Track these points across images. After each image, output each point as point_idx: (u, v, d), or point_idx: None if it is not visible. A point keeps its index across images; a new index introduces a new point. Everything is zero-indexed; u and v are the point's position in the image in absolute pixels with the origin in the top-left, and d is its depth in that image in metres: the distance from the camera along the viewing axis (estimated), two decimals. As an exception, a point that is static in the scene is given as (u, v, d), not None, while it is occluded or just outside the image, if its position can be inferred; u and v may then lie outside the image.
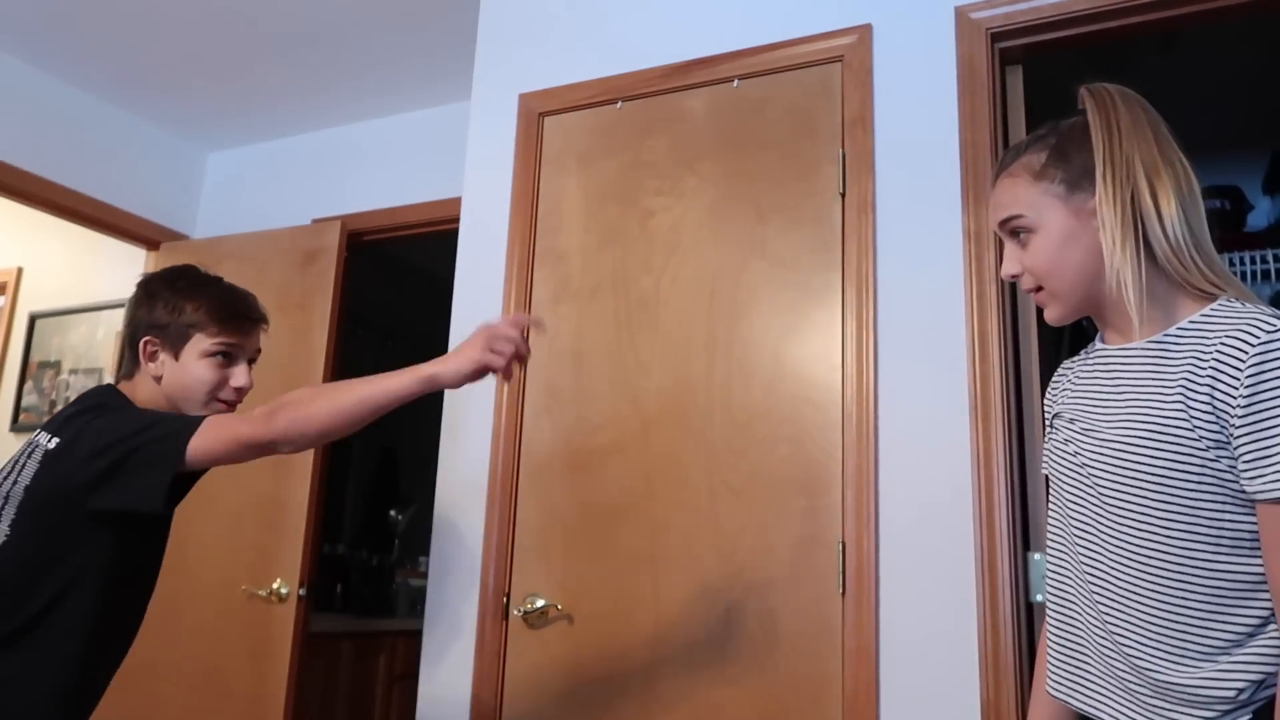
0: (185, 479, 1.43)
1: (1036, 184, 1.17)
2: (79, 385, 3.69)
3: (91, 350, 3.67)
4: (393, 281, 4.38)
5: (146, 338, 1.59)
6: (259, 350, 1.70)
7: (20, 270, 3.98)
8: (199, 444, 1.37)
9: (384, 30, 2.88)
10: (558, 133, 2.43)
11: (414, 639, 3.72)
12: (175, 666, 2.94)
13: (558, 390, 2.26)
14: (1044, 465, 1.25)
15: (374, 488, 4.45)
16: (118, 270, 3.68)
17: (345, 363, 3.15)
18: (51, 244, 3.91)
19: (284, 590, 2.86)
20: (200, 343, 1.58)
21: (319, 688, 3.27)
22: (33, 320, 3.85)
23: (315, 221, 3.33)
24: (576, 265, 2.32)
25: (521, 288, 2.35)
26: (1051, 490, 1.22)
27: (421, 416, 4.61)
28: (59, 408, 3.67)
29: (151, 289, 1.62)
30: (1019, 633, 1.74)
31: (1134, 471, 1.06)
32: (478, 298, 2.42)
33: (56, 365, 3.77)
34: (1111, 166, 1.11)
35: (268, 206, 3.54)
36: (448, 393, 2.42)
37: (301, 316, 3.11)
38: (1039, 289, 1.18)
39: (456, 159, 3.03)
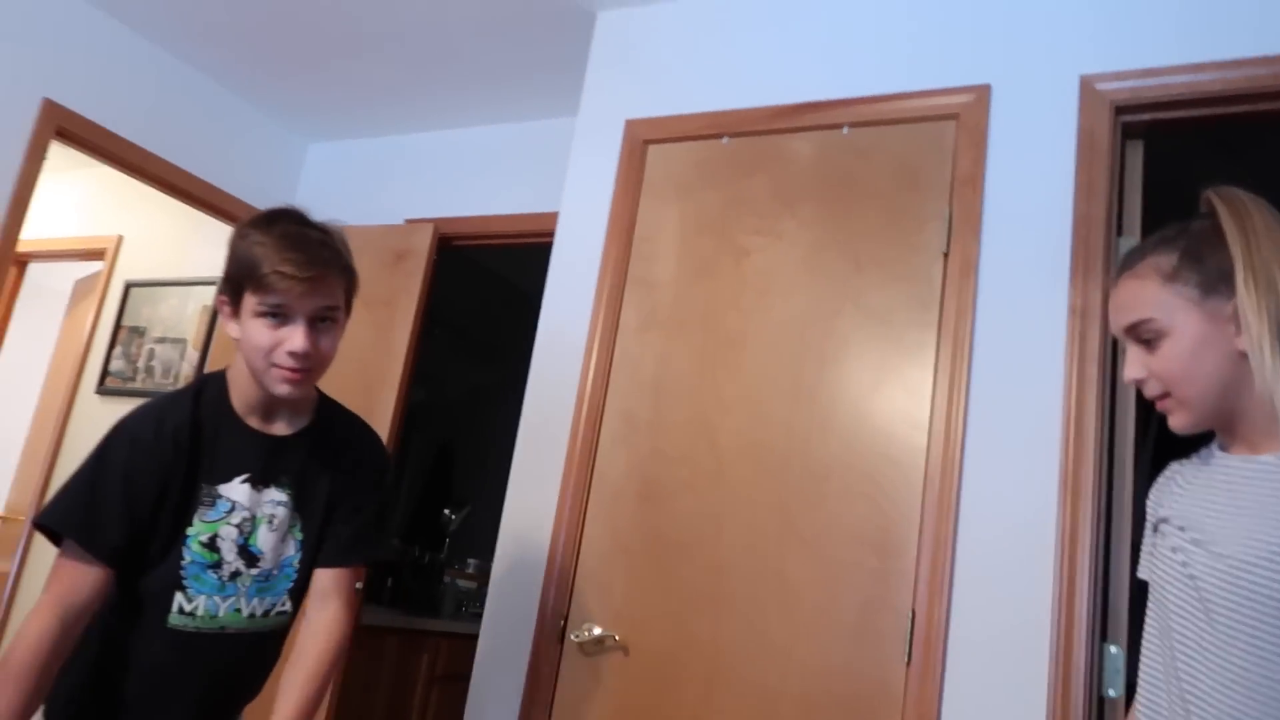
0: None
1: (1167, 286, 1.13)
2: (162, 354, 3.80)
3: (180, 323, 3.77)
4: (471, 285, 4.43)
5: (221, 299, 1.39)
6: (333, 307, 1.38)
7: (121, 239, 4.11)
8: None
9: (496, 41, 2.92)
10: (661, 162, 2.43)
11: (457, 641, 3.75)
12: (228, 643, 3.00)
13: (635, 419, 2.26)
14: (1142, 568, 1.21)
15: (429, 485, 4.50)
16: (212, 248, 3.78)
17: (421, 362, 3.19)
18: (153, 216, 4.04)
19: (341, 581, 2.90)
20: (252, 299, 1.33)
21: (362, 680, 3.30)
22: (127, 288, 3.97)
23: (408, 222, 3.39)
24: (667, 295, 2.32)
25: (610, 312, 2.36)
26: (1152, 596, 1.18)
27: (479, 417, 4.67)
28: (142, 374, 3.79)
29: (234, 232, 1.39)
30: (1089, 726, 1.68)
31: (1251, 593, 1.02)
32: (565, 316, 2.44)
33: (143, 333, 3.88)
34: (1253, 271, 1.08)
35: (362, 202, 3.61)
36: (526, 406, 2.43)
37: (386, 313, 3.16)
38: (1165, 395, 1.14)
39: (552, 174, 3.05)
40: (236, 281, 1.35)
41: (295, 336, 1.33)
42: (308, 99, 3.49)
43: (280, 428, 1.46)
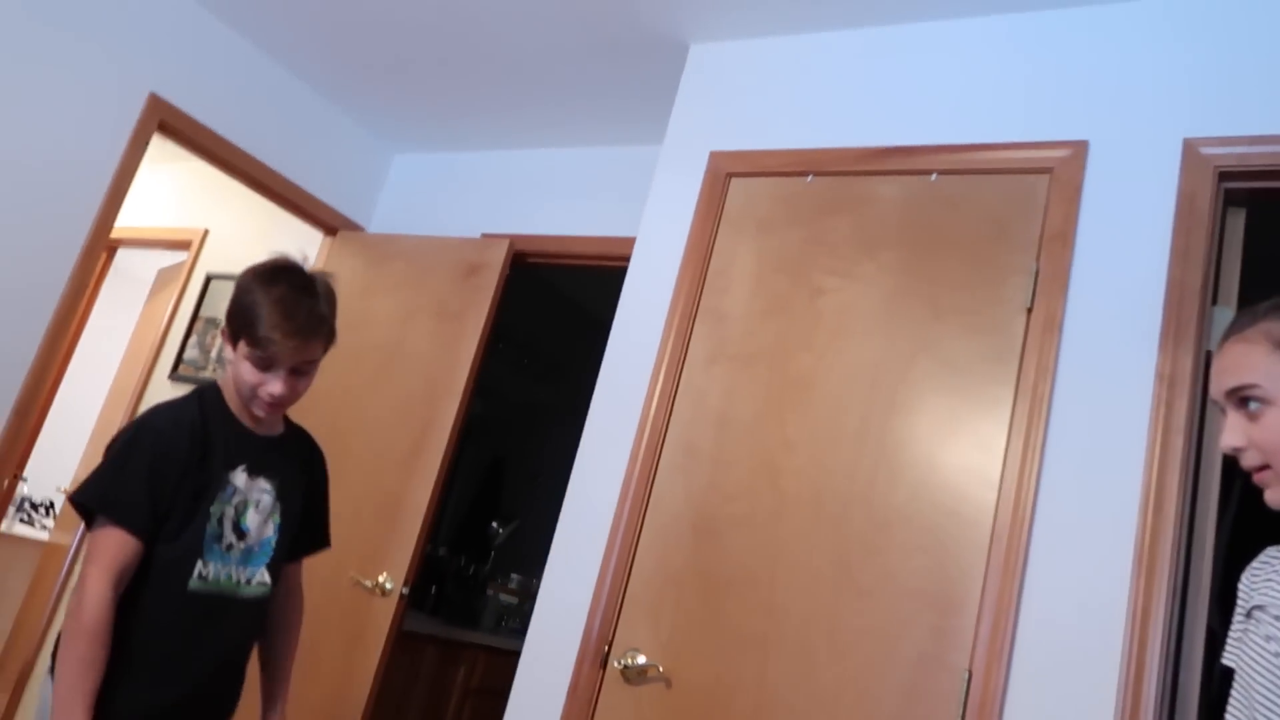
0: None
1: (1277, 353, 1.09)
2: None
3: (254, 318, 3.85)
4: (538, 304, 4.47)
5: (223, 329, 1.65)
6: (311, 361, 1.64)
7: (206, 232, 4.23)
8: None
9: (587, 66, 2.96)
10: (742, 195, 2.43)
11: (495, 656, 3.74)
12: (273, 636, 3.03)
13: (696, 451, 2.24)
14: (1228, 655, 1.16)
15: (478, 497, 4.53)
16: (294, 248, 3.85)
17: (482, 375, 3.21)
18: (238, 212, 4.15)
19: (389, 585, 2.92)
20: (243, 346, 1.59)
21: (400, 684, 3.31)
22: (208, 280, 4.08)
23: (484, 236, 3.43)
24: (737, 329, 2.30)
25: (679, 341, 2.35)
26: (1238, 684, 1.12)
27: (533, 434, 4.69)
28: (214, 363, 3.88)
29: (242, 277, 1.64)
30: (1149, 812, 1.61)
31: (1349, 691, 0.97)
32: (634, 342, 2.44)
33: (219, 324, 3.98)
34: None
35: (440, 213, 3.66)
36: (588, 428, 2.43)
37: (455, 326, 3.19)
38: (1264, 467, 1.09)
39: (631, 200, 3.07)
40: (236, 325, 1.61)
41: (275, 384, 1.61)
42: (398, 110, 3.56)
43: (265, 429, 1.73)
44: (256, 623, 1.73)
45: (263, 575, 1.70)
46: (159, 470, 1.53)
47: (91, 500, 1.51)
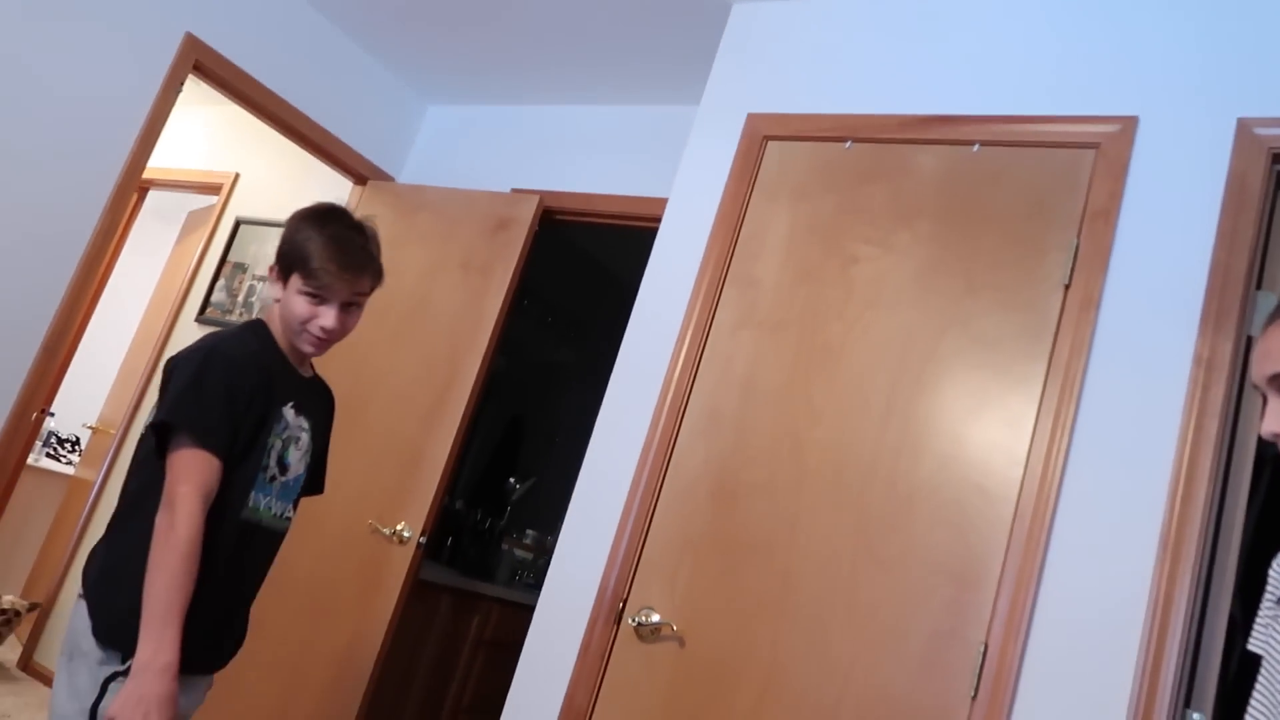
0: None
1: (1324, 340, 1.06)
2: (262, 291, 3.90)
3: (282, 264, 3.86)
4: (565, 263, 4.45)
5: (272, 266, 1.72)
6: (361, 295, 1.72)
7: (237, 176, 4.23)
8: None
9: (626, 23, 2.91)
10: (778, 160, 2.39)
11: (508, 609, 3.78)
12: (290, 579, 3.06)
13: (720, 415, 2.23)
14: (1255, 642, 1.14)
15: (497, 452, 4.54)
16: (324, 195, 3.85)
17: (506, 332, 3.21)
18: (270, 158, 4.14)
19: (406, 534, 2.94)
20: (297, 280, 1.66)
21: (413, 633, 3.35)
22: (237, 224, 4.09)
23: (514, 191, 3.41)
24: (767, 296, 2.28)
25: (707, 305, 2.34)
26: (1265, 671, 1.11)
27: (553, 392, 4.69)
28: (240, 308, 3.90)
29: (290, 219, 1.72)
30: (1160, 795, 1.60)
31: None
32: (661, 304, 2.42)
33: (246, 269, 3.99)
34: None
35: (471, 166, 3.64)
36: (610, 388, 2.43)
37: (481, 280, 3.18)
38: None
39: (664, 161, 3.04)
40: (288, 262, 1.67)
41: (328, 317, 1.67)
42: (433, 61, 3.53)
43: (305, 372, 1.80)
44: (275, 555, 1.80)
45: (289, 509, 1.77)
46: (234, 397, 1.58)
47: (178, 420, 1.53)
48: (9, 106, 2.63)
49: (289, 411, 1.70)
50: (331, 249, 1.64)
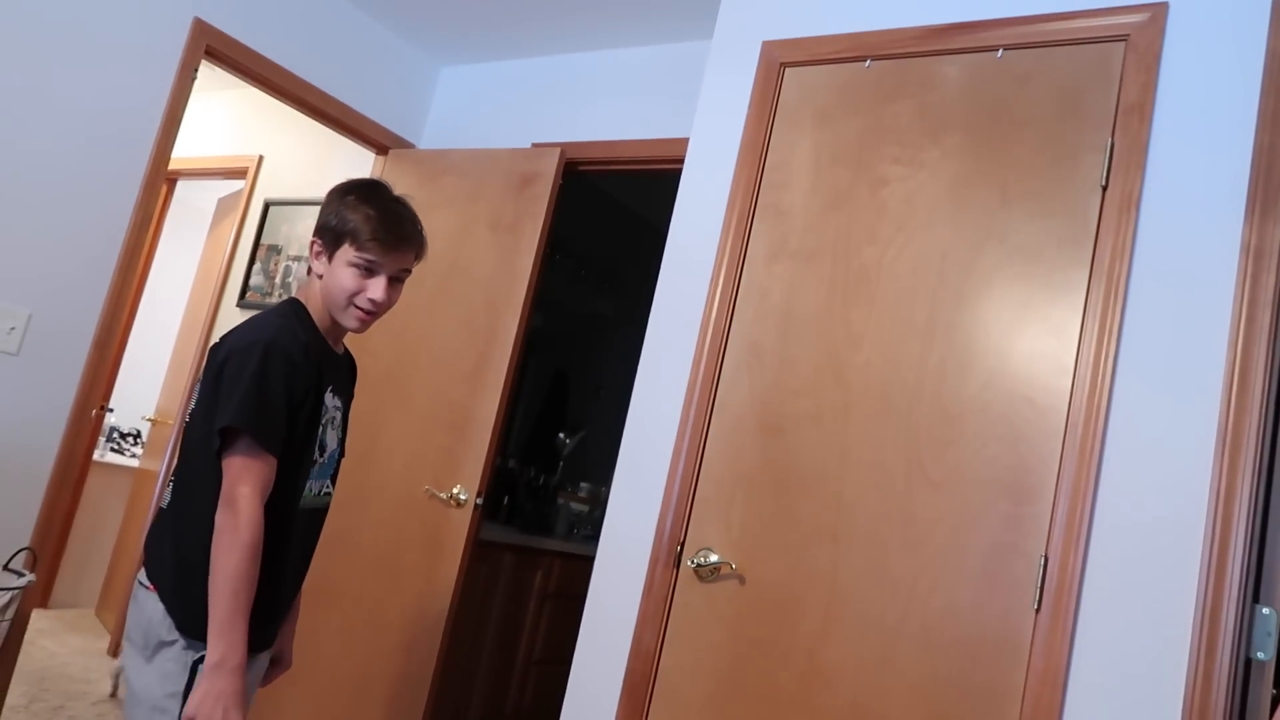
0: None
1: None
2: (298, 271, 3.95)
3: (314, 242, 3.90)
4: (594, 213, 4.43)
5: (314, 237, 1.72)
6: (407, 270, 1.73)
7: (261, 158, 4.26)
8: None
9: (631, -39, 2.85)
10: (797, 86, 2.35)
11: (568, 561, 3.85)
12: (356, 548, 3.15)
13: (760, 349, 2.23)
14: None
15: (544, 409, 4.59)
16: (348, 169, 3.88)
17: (541, 288, 3.21)
18: (291, 137, 4.16)
19: (463, 496, 3.00)
20: (347, 252, 1.66)
21: (479, 591, 3.43)
22: (267, 207, 4.12)
23: (535, 146, 3.39)
24: (798, 225, 2.26)
25: (738, 240, 2.32)
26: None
27: (595, 344, 4.71)
28: (279, 289, 3.95)
29: (332, 195, 1.73)
30: (1233, 690, 1.60)
31: None
32: (692, 243, 2.41)
33: (280, 250, 4.04)
34: None
35: (490, 125, 3.62)
36: (649, 332, 2.43)
37: (511, 238, 3.18)
38: None
39: (684, 99, 3.00)
40: (336, 234, 1.67)
41: (377, 288, 1.68)
42: (442, 21, 3.50)
43: (338, 348, 1.80)
44: (321, 529, 1.84)
45: (328, 486, 1.81)
46: (293, 397, 1.60)
47: (244, 423, 1.54)
48: (31, 114, 2.66)
49: (329, 396, 1.72)
50: (381, 221, 1.66)
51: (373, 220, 1.65)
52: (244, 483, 1.53)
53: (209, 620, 1.48)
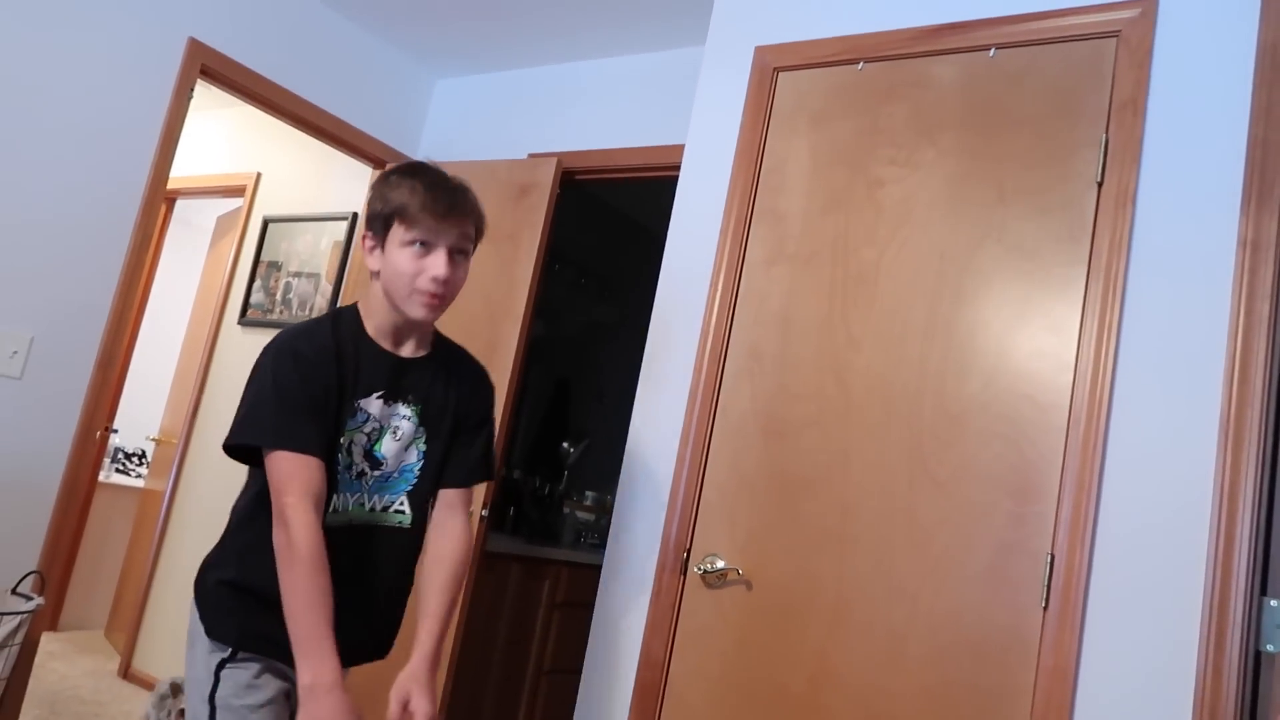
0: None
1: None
2: (299, 287, 3.95)
3: (314, 257, 3.91)
4: (592, 221, 4.44)
5: (365, 232, 1.59)
6: (468, 241, 1.57)
7: (259, 176, 4.27)
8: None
9: (622, -30, 2.86)
10: (792, 90, 2.35)
11: (576, 570, 3.84)
12: (363, 563, 3.14)
13: (761, 354, 2.23)
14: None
15: (547, 418, 4.59)
16: (343, 185, 3.90)
17: (541, 297, 3.22)
18: (289, 154, 4.17)
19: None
20: (399, 232, 1.53)
21: (488, 603, 3.43)
22: (266, 224, 4.13)
23: (531, 156, 3.40)
24: (795, 228, 2.26)
25: (736, 244, 2.32)
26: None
27: (596, 352, 4.72)
28: (280, 306, 3.95)
29: (377, 181, 1.61)
30: (1243, 683, 1.60)
31: None
32: (690, 249, 2.41)
33: (280, 266, 4.05)
34: None
35: (486, 136, 3.63)
36: (650, 339, 2.43)
37: (510, 248, 3.19)
38: None
39: (678, 106, 3.00)
40: (385, 218, 1.55)
41: (438, 264, 1.53)
42: (436, 35, 3.51)
43: (407, 351, 1.63)
44: (406, 552, 1.64)
45: (401, 503, 1.61)
46: (311, 388, 1.48)
47: (266, 439, 1.46)
48: (29, 137, 2.67)
49: (372, 403, 1.56)
50: (429, 192, 1.53)
51: (419, 192, 1.52)
52: (287, 492, 1.42)
53: (294, 644, 1.38)
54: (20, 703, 2.76)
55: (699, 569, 2.15)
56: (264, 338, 3.99)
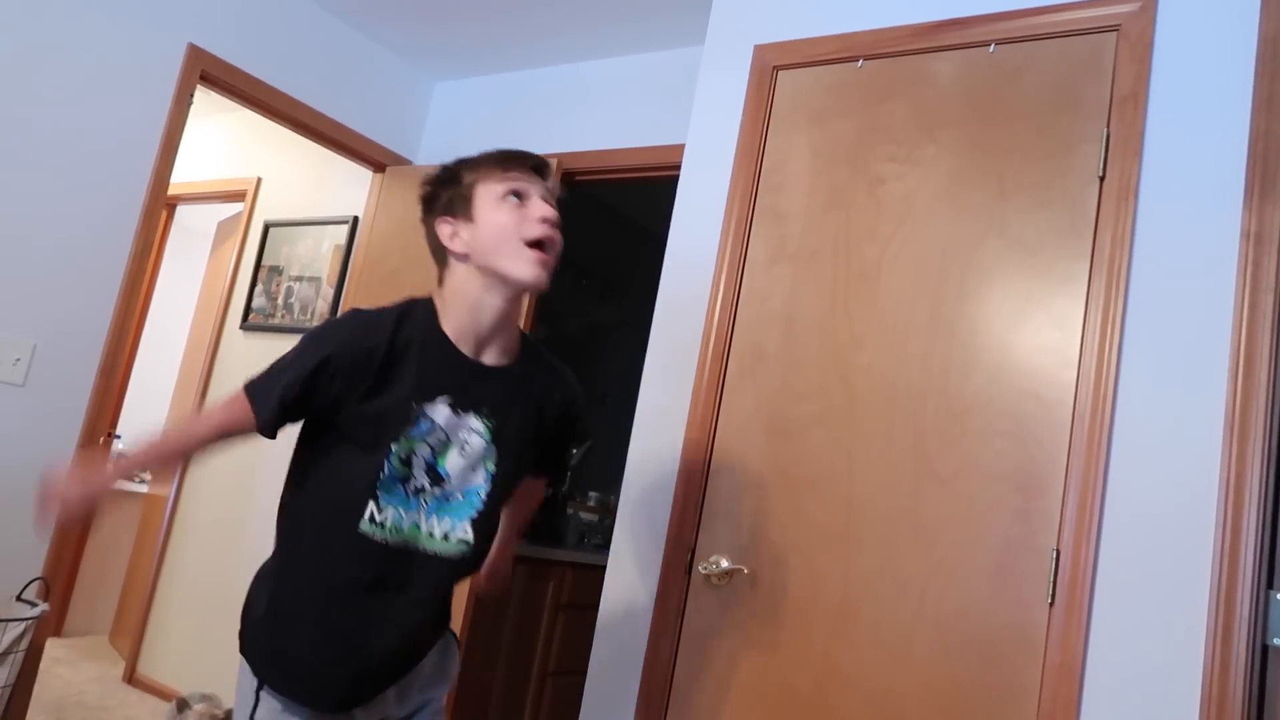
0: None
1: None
2: (300, 291, 3.95)
3: (315, 261, 3.91)
4: (593, 223, 4.44)
5: (441, 222, 1.47)
6: (554, 193, 1.50)
7: (259, 181, 4.27)
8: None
9: (620, -30, 2.86)
10: (791, 88, 2.35)
11: (580, 571, 3.84)
12: (368, 566, 3.14)
13: (764, 353, 2.23)
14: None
15: (552, 420, 4.57)
16: (346, 189, 3.89)
17: (542, 299, 3.21)
18: (289, 158, 4.17)
19: (472, 510, 2.99)
20: (487, 191, 1.44)
21: (492, 605, 3.42)
22: (266, 228, 4.13)
23: (531, 157, 3.39)
24: (797, 227, 2.26)
25: (738, 244, 2.32)
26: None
27: (598, 354, 4.71)
28: (282, 310, 3.95)
29: (426, 189, 1.53)
30: (1251, 677, 1.59)
31: None
32: (692, 249, 2.41)
33: (282, 271, 4.04)
34: None
35: (486, 138, 3.61)
36: (652, 340, 2.43)
37: (511, 250, 3.18)
38: None
39: (678, 105, 3.00)
40: (464, 191, 1.46)
41: (537, 205, 1.44)
42: (435, 37, 3.51)
43: (489, 358, 1.47)
44: (450, 584, 1.48)
45: (464, 530, 1.44)
46: (306, 362, 1.37)
47: (247, 385, 1.42)
48: (29, 145, 2.67)
49: (437, 409, 1.40)
50: (502, 152, 1.48)
51: (494, 155, 1.48)
52: (219, 409, 1.43)
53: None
54: (26, 709, 2.76)
55: (704, 569, 2.15)
56: (266, 342, 4.01)
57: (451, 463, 1.42)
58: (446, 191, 1.49)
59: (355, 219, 3.80)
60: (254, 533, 3.65)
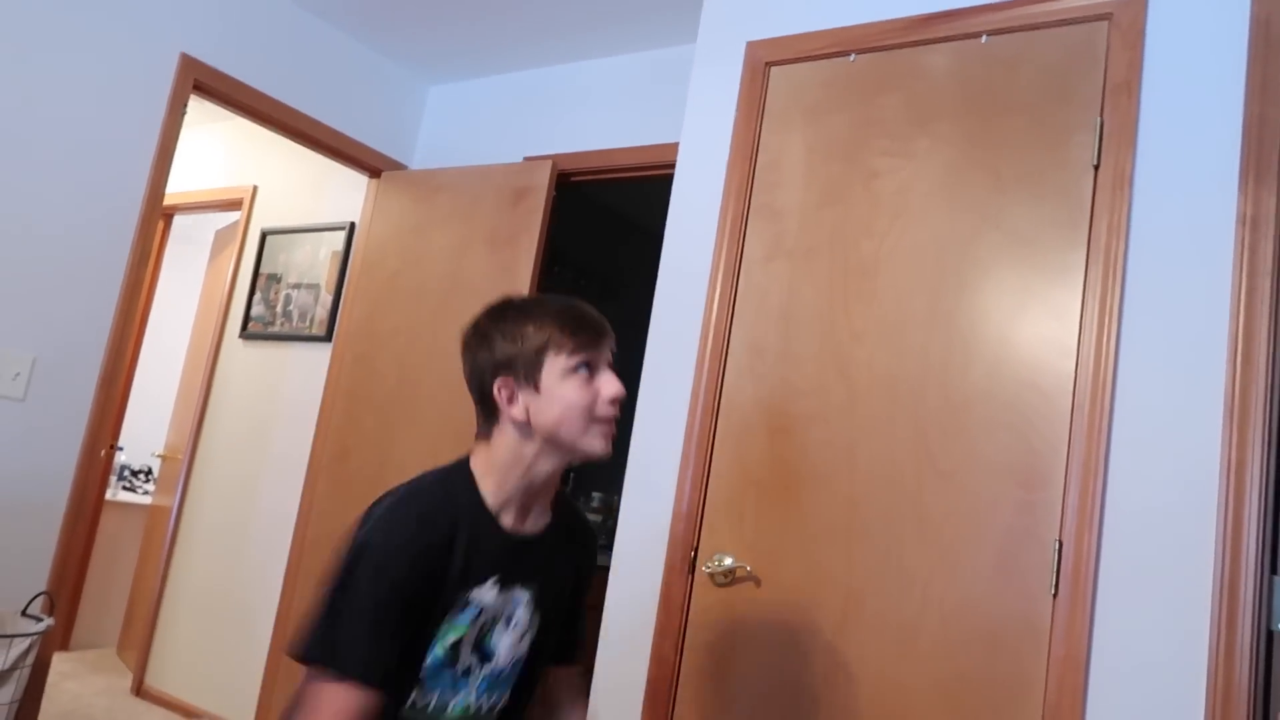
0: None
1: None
2: (299, 299, 3.95)
3: (313, 268, 3.91)
4: (590, 223, 4.44)
5: (497, 381, 1.39)
6: (614, 353, 1.44)
7: (255, 189, 4.27)
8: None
9: (610, -30, 2.86)
10: (784, 84, 2.35)
11: (586, 572, 3.84)
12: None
13: (763, 350, 2.22)
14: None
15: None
16: (341, 194, 3.89)
17: (545, 300, 3.21)
18: (285, 165, 4.17)
19: (475, 514, 2.99)
20: (556, 362, 1.36)
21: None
22: (264, 236, 4.13)
23: (527, 159, 3.40)
24: (793, 223, 2.25)
25: (734, 242, 2.32)
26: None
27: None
28: (281, 318, 3.95)
29: (481, 329, 1.44)
30: (1256, 663, 1.59)
31: None
32: (688, 248, 2.41)
33: (280, 279, 4.04)
34: None
35: (481, 141, 3.63)
36: (650, 339, 2.43)
37: (509, 252, 3.19)
38: None
39: (672, 104, 3.00)
40: (528, 357, 1.37)
41: (609, 382, 1.38)
42: (428, 41, 3.51)
43: (530, 525, 1.43)
44: None
45: (505, 697, 1.43)
46: (381, 615, 1.25)
47: (315, 654, 1.24)
48: (24, 157, 2.67)
49: (486, 592, 1.36)
50: (573, 312, 1.39)
51: (563, 317, 1.38)
52: (315, 713, 1.22)
53: None
54: (34, 723, 2.76)
55: (707, 567, 2.15)
56: (266, 350, 4.02)
57: (498, 638, 1.38)
58: (507, 346, 1.39)
59: (352, 225, 3.80)
60: (259, 541, 3.65)
